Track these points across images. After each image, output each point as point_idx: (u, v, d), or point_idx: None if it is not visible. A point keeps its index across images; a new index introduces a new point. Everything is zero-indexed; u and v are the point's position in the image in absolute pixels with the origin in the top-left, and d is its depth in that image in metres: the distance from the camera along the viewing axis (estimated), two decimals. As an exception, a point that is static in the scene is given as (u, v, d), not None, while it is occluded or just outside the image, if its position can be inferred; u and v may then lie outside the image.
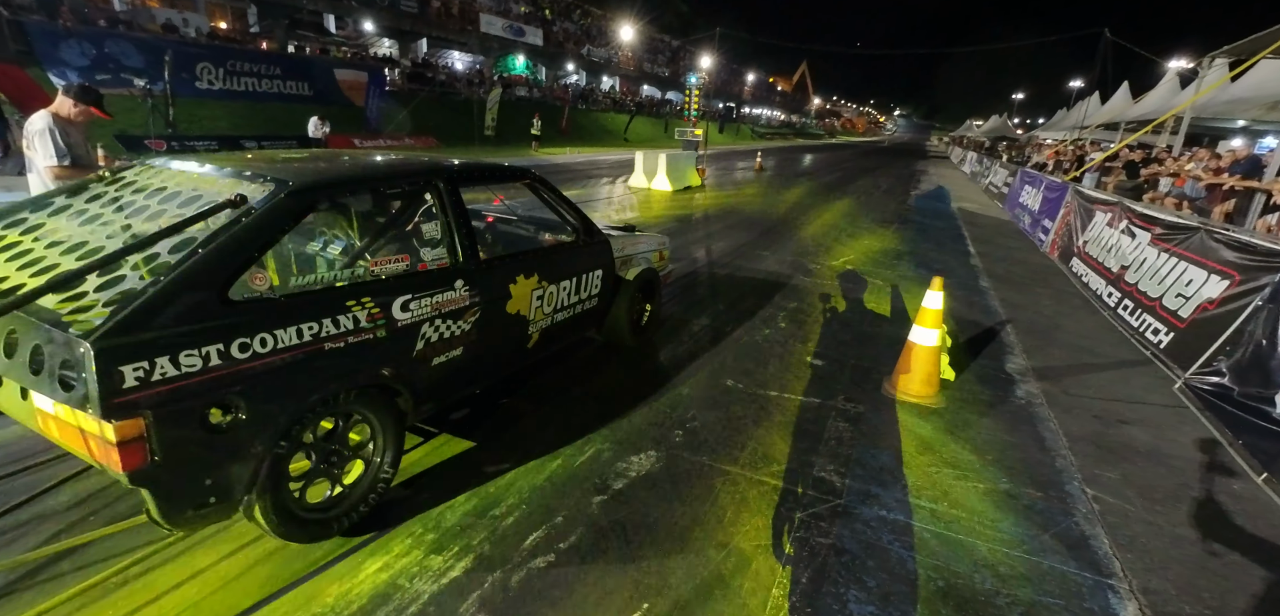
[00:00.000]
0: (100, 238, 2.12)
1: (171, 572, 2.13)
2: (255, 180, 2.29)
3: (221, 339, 1.86)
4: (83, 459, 1.86)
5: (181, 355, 1.76)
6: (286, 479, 2.15)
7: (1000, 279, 7.61)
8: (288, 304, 2.08)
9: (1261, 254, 4.22)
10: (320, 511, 2.30)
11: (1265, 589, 2.44)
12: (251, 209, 2.09)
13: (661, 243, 4.67)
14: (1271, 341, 3.68)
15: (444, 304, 2.64)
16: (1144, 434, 3.68)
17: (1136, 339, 5.38)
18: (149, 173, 2.60)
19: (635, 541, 2.43)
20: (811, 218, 11.70)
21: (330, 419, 2.30)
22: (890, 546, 2.50)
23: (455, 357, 2.75)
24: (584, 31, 45.30)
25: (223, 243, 1.95)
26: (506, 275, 3.05)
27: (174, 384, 1.75)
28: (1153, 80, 16.44)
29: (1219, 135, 13.86)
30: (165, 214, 2.20)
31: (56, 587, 2.04)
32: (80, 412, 1.67)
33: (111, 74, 16.47)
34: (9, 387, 1.88)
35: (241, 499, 2.02)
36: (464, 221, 2.85)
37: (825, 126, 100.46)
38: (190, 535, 2.28)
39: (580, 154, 25.09)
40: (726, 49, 51.88)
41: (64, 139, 3.48)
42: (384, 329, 2.37)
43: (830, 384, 4.06)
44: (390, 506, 2.53)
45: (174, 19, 20.98)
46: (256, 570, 2.17)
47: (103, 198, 2.46)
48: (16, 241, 2.24)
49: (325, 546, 2.29)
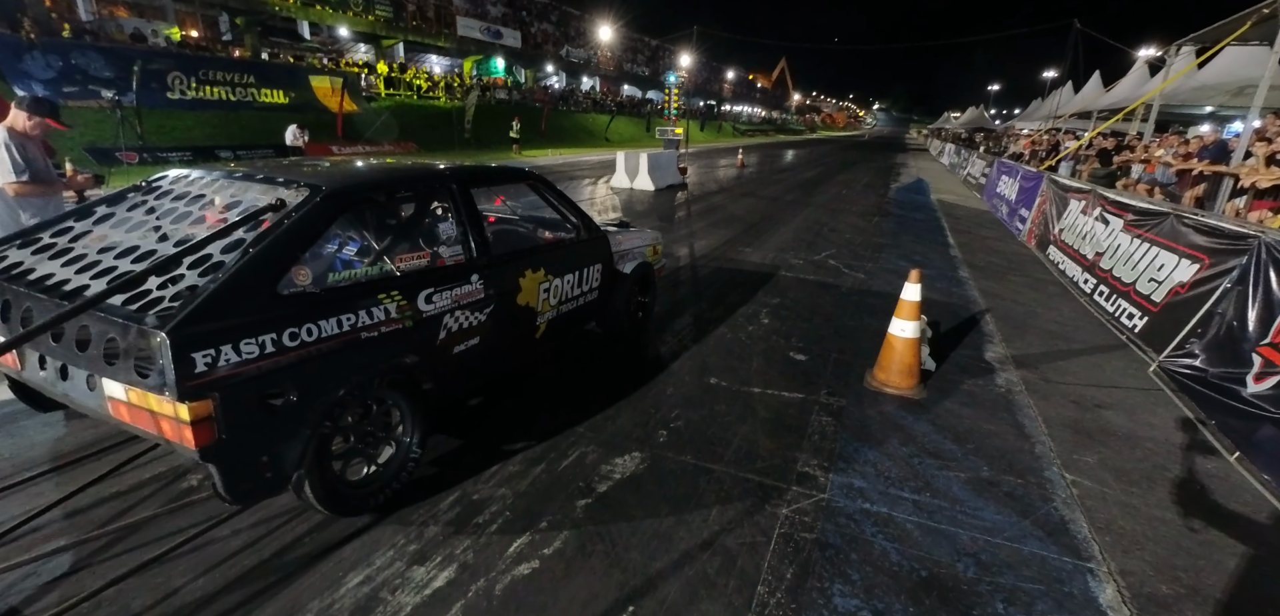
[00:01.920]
0: (150, 242, 2.35)
1: (145, 595, 2.07)
2: (290, 186, 2.50)
3: (274, 329, 2.06)
4: (150, 438, 2.03)
5: (242, 343, 1.97)
6: (330, 457, 2.35)
7: (979, 268, 7.71)
8: (328, 297, 2.31)
9: (1228, 237, 4.32)
10: (359, 488, 2.49)
11: (1238, 565, 2.50)
12: (291, 213, 2.30)
13: (655, 238, 4.89)
14: (1241, 323, 3.77)
15: (462, 296, 2.86)
16: (1121, 417, 3.75)
17: (1112, 324, 5.48)
18: (184, 182, 2.84)
19: (620, 544, 2.42)
20: (793, 213, 11.77)
21: (365, 403, 2.48)
22: (874, 539, 2.52)
23: (473, 346, 2.97)
24: (562, 33, 45.15)
25: (270, 243, 2.17)
26: (516, 270, 3.27)
27: (236, 369, 1.95)
28: (1124, 69, 16.78)
29: (1188, 121, 14.19)
30: (206, 220, 2.44)
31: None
32: (154, 396, 1.87)
33: (78, 86, 16.09)
34: (74, 379, 2.10)
35: (292, 475, 2.20)
36: (476, 220, 3.08)
37: (806, 122, 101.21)
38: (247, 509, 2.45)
39: (561, 155, 25.02)
40: (706, 47, 51.99)
41: (21, 154, 3.40)
42: (411, 319, 2.58)
43: (813, 378, 4.08)
44: (372, 517, 2.49)
45: (142, 29, 20.52)
46: (233, 591, 2.12)
47: (143, 206, 2.71)
48: (68, 248, 2.46)
49: (304, 556, 2.25)
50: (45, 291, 2.16)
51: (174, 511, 2.49)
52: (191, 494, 2.59)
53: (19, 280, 2.27)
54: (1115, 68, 18.36)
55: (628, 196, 13.15)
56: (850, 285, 6.54)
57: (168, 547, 2.24)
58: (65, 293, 2.13)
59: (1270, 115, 8.50)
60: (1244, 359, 3.61)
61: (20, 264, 2.40)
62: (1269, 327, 3.52)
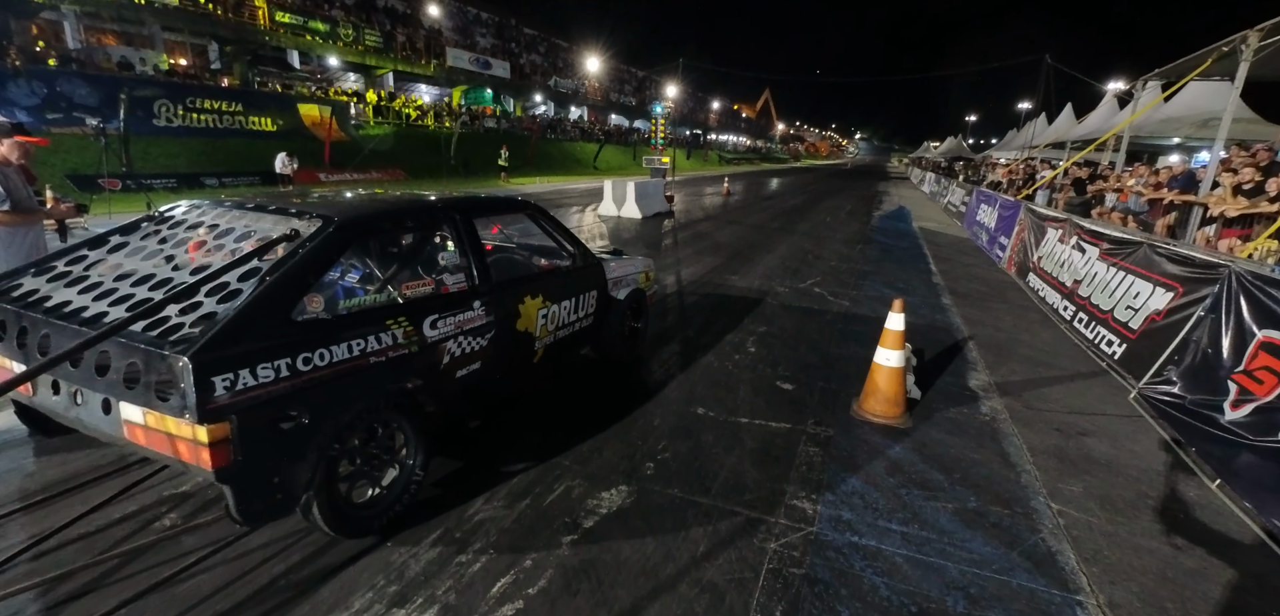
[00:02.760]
0: (165, 270, 2.43)
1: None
2: (303, 217, 2.59)
3: (288, 353, 2.14)
4: (165, 460, 2.10)
5: (258, 367, 2.04)
6: (337, 479, 2.41)
7: (961, 296, 7.82)
8: (338, 323, 2.41)
9: (1200, 266, 4.43)
10: (364, 510, 2.54)
11: (1222, 595, 2.51)
12: (305, 242, 2.40)
13: (647, 265, 5.01)
14: (1216, 350, 3.85)
15: (465, 322, 2.95)
16: (1103, 445, 3.78)
17: (1092, 351, 5.57)
18: (195, 212, 2.92)
19: (607, 582, 2.37)
20: (778, 241, 11.90)
21: (371, 425, 2.55)
22: (862, 573, 2.49)
23: (475, 371, 3.05)
24: (551, 63, 45.80)
25: (286, 271, 2.25)
26: (516, 296, 3.38)
27: (253, 392, 2.01)
28: (1094, 100, 17.34)
29: (1157, 151, 14.64)
30: (222, 249, 2.53)
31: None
32: (173, 419, 1.94)
33: (63, 112, 15.97)
34: (88, 404, 2.15)
35: (301, 496, 2.24)
36: (478, 248, 3.19)
37: (790, 151, 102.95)
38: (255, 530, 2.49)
39: (549, 183, 25.14)
40: (691, 78, 53.00)
41: (4, 183, 3.36)
42: (416, 344, 2.66)
43: (800, 408, 4.08)
44: (350, 556, 2.42)
45: (130, 57, 20.46)
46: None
47: (156, 235, 2.79)
48: (84, 276, 2.52)
49: (280, 603, 2.17)
50: (63, 319, 2.21)
51: (138, 553, 2.40)
52: (157, 533, 2.50)
53: (36, 307, 2.33)
54: (1086, 100, 18.98)
55: (615, 224, 13.22)
56: (836, 313, 6.59)
57: (138, 590, 2.16)
58: (84, 320, 2.18)
59: (1234, 146, 8.81)
60: (1220, 386, 3.67)
61: (36, 291, 2.46)
62: (1242, 355, 3.60)
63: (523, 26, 45.88)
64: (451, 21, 37.81)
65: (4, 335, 2.38)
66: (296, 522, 2.57)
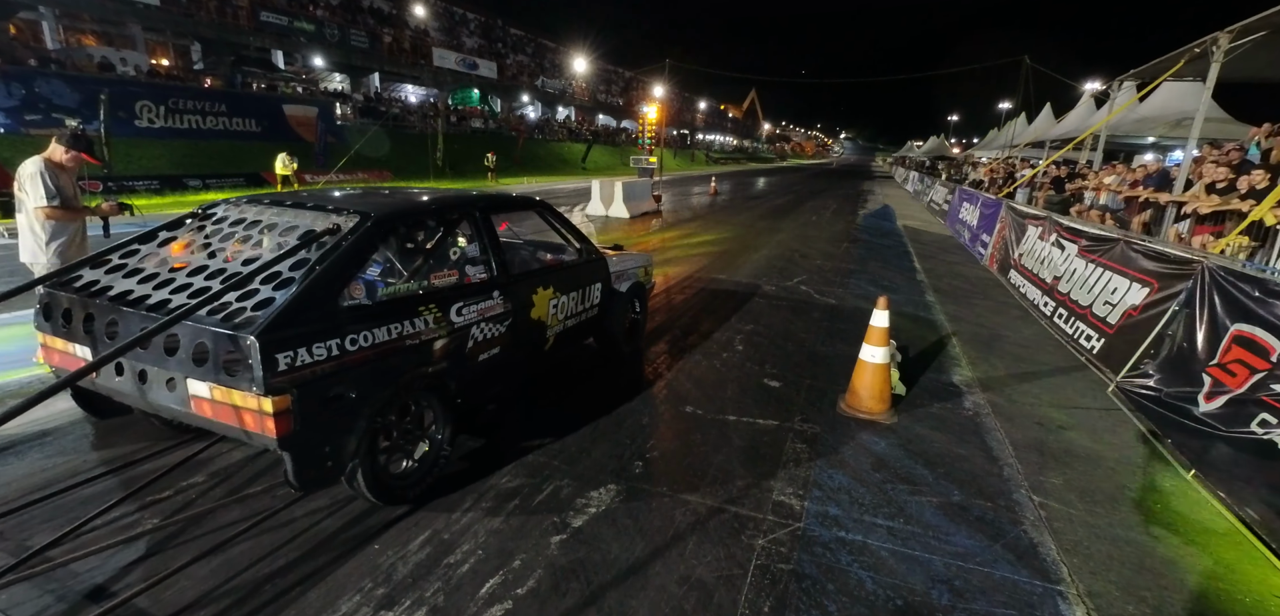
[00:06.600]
0: (218, 261, 2.66)
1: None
2: (342, 213, 2.83)
3: (338, 334, 2.38)
4: (229, 431, 2.29)
5: (314, 346, 2.27)
6: (378, 450, 2.63)
7: (944, 293, 7.93)
8: (378, 309, 2.64)
9: (1174, 262, 4.54)
10: (399, 479, 2.76)
11: (1198, 582, 2.57)
12: (347, 235, 2.64)
13: (647, 260, 5.25)
14: (1190, 344, 3.94)
15: (486, 310, 3.22)
16: (1083, 438, 3.86)
17: (1072, 345, 5.67)
18: (236, 209, 3.14)
19: (596, 582, 2.38)
20: (765, 240, 11.97)
21: (406, 403, 2.77)
22: (849, 568, 2.53)
23: (495, 355, 3.31)
24: (537, 64, 45.65)
25: (333, 261, 2.50)
26: (530, 287, 3.64)
27: (309, 368, 2.24)
28: (1072, 101, 17.64)
29: (1133, 150, 14.93)
30: (267, 242, 2.78)
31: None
32: (239, 392, 2.16)
33: (41, 114, 15.65)
34: (153, 383, 2.36)
35: (348, 465, 2.47)
36: (496, 242, 3.48)
37: (776, 150, 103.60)
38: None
39: (537, 183, 25.08)
40: (678, 78, 53.07)
41: (54, 182, 3.72)
42: (445, 329, 2.92)
43: (787, 405, 4.11)
44: (336, 558, 2.40)
45: (111, 57, 20.08)
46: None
47: (205, 231, 3.00)
48: (139, 268, 2.73)
49: (262, 603, 2.15)
50: (129, 306, 2.42)
51: (125, 561, 2.37)
52: (156, 533, 2.47)
53: (100, 296, 2.53)
54: (1064, 100, 19.32)
55: (603, 223, 13.22)
56: (822, 311, 6.65)
57: (118, 600, 2.13)
58: (150, 306, 2.39)
59: (1207, 145, 9.01)
60: (1195, 379, 3.76)
61: (97, 282, 2.66)
62: (1216, 348, 3.69)
63: (509, 27, 45.72)
64: (438, 22, 37.56)
65: (69, 322, 2.58)
66: (280, 528, 2.56)
